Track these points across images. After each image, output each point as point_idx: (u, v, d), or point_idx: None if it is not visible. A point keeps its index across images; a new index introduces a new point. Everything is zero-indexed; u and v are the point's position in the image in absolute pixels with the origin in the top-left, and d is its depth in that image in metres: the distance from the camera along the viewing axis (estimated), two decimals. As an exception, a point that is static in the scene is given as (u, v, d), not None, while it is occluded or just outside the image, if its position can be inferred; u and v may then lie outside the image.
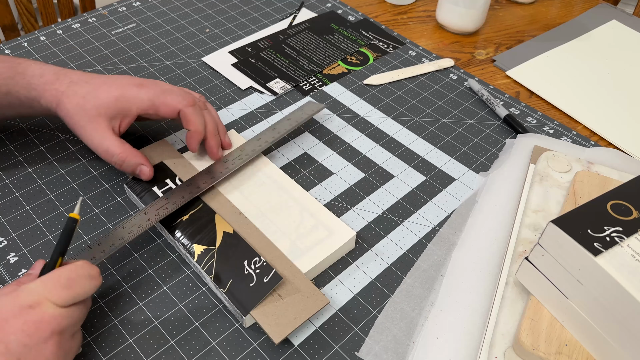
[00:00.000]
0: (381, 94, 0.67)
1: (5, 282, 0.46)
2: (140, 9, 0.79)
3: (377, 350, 0.43)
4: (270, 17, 0.79)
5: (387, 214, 0.53)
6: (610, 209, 0.40)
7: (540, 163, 0.54)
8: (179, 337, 0.43)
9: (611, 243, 0.37)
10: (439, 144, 0.60)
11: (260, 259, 0.44)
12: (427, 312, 0.45)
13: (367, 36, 0.76)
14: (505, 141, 0.61)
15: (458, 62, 0.73)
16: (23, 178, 0.54)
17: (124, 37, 0.73)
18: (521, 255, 0.46)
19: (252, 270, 0.44)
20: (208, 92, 0.65)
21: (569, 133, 0.62)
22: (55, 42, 0.72)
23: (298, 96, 0.66)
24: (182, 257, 0.48)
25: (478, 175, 0.57)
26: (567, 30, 0.80)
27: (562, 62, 0.73)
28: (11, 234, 0.49)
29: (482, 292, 0.46)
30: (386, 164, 0.58)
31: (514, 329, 0.41)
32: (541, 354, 0.38)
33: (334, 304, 0.46)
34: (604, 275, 0.36)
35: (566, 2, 0.87)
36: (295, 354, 0.42)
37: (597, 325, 0.38)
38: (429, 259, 0.49)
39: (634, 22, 0.81)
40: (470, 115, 0.64)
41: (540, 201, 0.51)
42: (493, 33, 0.79)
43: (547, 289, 0.41)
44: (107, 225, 0.50)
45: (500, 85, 0.70)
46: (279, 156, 0.58)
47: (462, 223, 0.52)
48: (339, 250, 0.48)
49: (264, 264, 0.44)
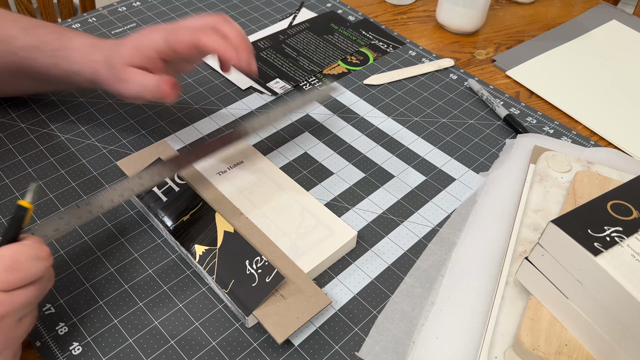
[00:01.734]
0: (381, 94, 0.67)
1: (5, 282, 0.46)
2: (140, 9, 0.79)
3: (377, 350, 0.43)
4: (270, 17, 0.79)
5: (387, 214, 0.53)
6: (610, 209, 0.40)
7: (540, 163, 0.54)
8: (179, 337, 0.43)
9: (611, 243, 0.37)
10: (439, 144, 0.60)
11: (262, 259, 0.44)
12: (427, 312, 0.45)
13: (367, 36, 0.76)
14: (505, 141, 0.61)
15: (458, 62, 0.73)
16: (23, 178, 0.54)
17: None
18: (521, 255, 0.46)
19: (253, 270, 0.44)
20: (208, 92, 0.65)
21: (569, 133, 0.62)
22: (55, 42, 0.72)
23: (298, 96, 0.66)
24: (182, 257, 0.48)
25: (478, 175, 0.57)
26: (567, 30, 0.80)
27: (562, 62, 0.73)
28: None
29: (482, 292, 0.46)
30: (386, 164, 0.58)
31: (514, 329, 0.41)
32: (541, 354, 0.38)
33: (334, 304, 0.46)
34: (604, 275, 0.36)
35: (566, 2, 0.87)
36: (295, 354, 0.42)
37: (597, 325, 0.38)
38: (429, 259, 0.49)
39: (634, 22, 0.81)
40: (470, 115, 0.64)
41: (540, 201, 0.51)
42: (493, 33, 0.79)
43: (547, 289, 0.41)
44: (107, 225, 0.50)
45: (500, 85, 0.70)
46: (279, 156, 0.58)
47: (462, 223, 0.52)
48: (340, 250, 0.48)
49: (265, 263, 0.44)
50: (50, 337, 0.42)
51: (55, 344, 0.42)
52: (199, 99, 0.64)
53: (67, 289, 0.45)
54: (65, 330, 0.43)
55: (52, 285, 0.39)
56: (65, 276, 0.46)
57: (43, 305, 0.44)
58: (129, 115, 0.62)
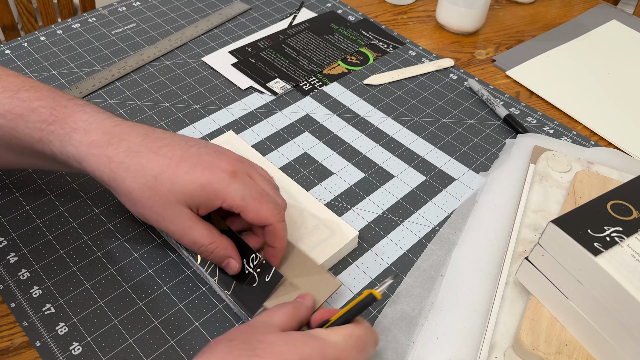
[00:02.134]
0: (381, 94, 0.67)
1: (5, 282, 0.46)
2: (140, 9, 0.79)
3: (377, 350, 0.43)
4: (270, 17, 0.79)
5: (387, 214, 0.53)
6: (610, 209, 0.40)
7: (540, 163, 0.54)
8: (179, 337, 0.43)
9: (611, 243, 0.37)
10: (439, 144, 0.60)
11: (257, 256, 0.44)
12: (427, 312, 0.45)
13: (367, 36, 0.76)
14: (505, 141, 0.61)
15: (458, 62, 0.73)
16: (23, 178, 0.54)
17: (124, 37, 0.73)
18: (521, 255, 0.46)
19: (251, 270, 0.44)
20: (208, 92, 0.65)
21: (569, 133, 0.62)
22: (55, 42, 0.72)
23: (298, 96, 0.66)
24: (181, 257, 0.48)
25: (478, 175, 0.57)
26: (567, 30, 0.80)
27: (562, 62, 0.73)
28: (11, 234, 0.49)
29: (482, 292, 0.46)
30: (386, 164, 0.58)
31: (514, 329, 0.41)
32: (541, 354, 0.38)
33: (334, 304, 0.46)
34: (604, 275, 0.36)
35: (566, 2, 0.87)
36: (295, 354, 0.42)
37: (597, 325, 0.38)
38: (429, 259, 0.49)
39: (634, 22, 0.81)
40: (470, 115, 0.64)
41: (540, 201, 0.51)
42: (493, 33, 0.79)
43: (547, 289, 0.41)
44: (107, 225, 0.50)
45: (500, 85, 0.70)
46: (279, 156, 0.58)
47: (462, 223, 0.52)
48: (342, 250, 0.48)
49: (262, 261, 0.44)
50: (50, 337, 0.42)
51: (55, 344, 0.42)
52: (199, 99, 0.64)
53: (67, 289, 0.45)
54: (65, 330, 0.43)
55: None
56: (65, 276, 0.46)
57: (43, 305, 0.44)
58: (128, 115, 0.62)
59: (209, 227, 0.41)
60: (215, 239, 0.41)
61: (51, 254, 0.48)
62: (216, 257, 0.42)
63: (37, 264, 0.47)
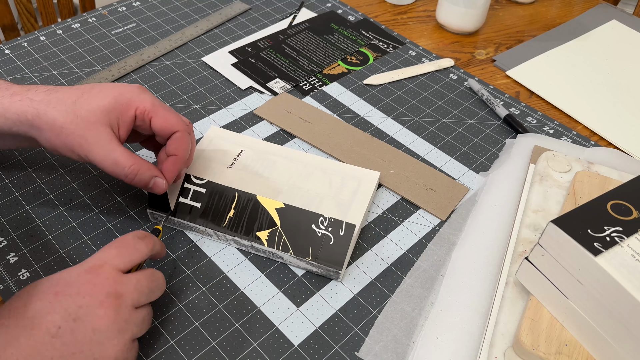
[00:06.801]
0: (381, 94, 0.67)
1: (5, 282, 0.46)
2: (140, 9, 0.79)
3: (377, 350, 0.43)
4: (270, 17, 0.79)
5: (387, 214, 0.53)
6: (610, 209, 0.40)
7: (540, 163, 0.54)
8: (178, 337, 0.43)
9: (611, 243, 0.37)
10: (439, 144, 0.60)
11: (326, 218, 0.47)
12: (427, 312, 0.45)
13: (367, 36, 0.76)
14: (505, 141, 0.61)
15: (458, 62, 0.73)
16: (23, 178, 0.54)
17: (124, 37, 0.73)
18: (521, 255, 0.46)
19: (323, 230, 0.46)
20: (208, 92, 0.65)
21: (569, 133, 0.62)
22: (55, 42, 0.72)
23: (298, 96, 0.66)
24: (181, 257, 0.48)
25: (478, 175, 0.57)
26: (567, 30, 0.80)
27: (562, 62, 0.73)
28: (11, 234, 0.49)
29: (482, 292, 0.46)
30: (386, 164, 0.58)
31: (514, 329, 0.41)
32: (541, 354, 0.38)
33: (334, 304, 0.46)
34: (604, 275, 0.36)
35: (566, 2, 0.87)
36: (295, 354, 0.42)
37: (597, 325, 0.38)
38: (429, 259, 0.49)
39: (634, 22, 0.81)
40: (470, 115, 0.64)
41: (540, 201, 0.51)
42: (493, 33, 0.79)
43: (547, 289, 0.41)
44: (107, 226, 0.50)
45: (500, 85, 0.70)
46: (279, 156, 0.58)
47: (462, 223, 0.52)
48: (374, 192, 0.52)
49: (331, 220, 0.47)
50: (50, 337, 0.42)
51: (55, 344, 0.42)
52: (199, 99, 0.64)
53: (67, 289, 0.45)
54: (65, 330, 0.43)
55: None
56: (65, 276, 0.46)
57: (43, 305, 0.44)
58: (129, 115, 0.62)
59: (130, 152, 0.44)
60: (138, 160, 0.44)
61: (51, 254, 0.48)
62: (142, 179, 0.44)
63: (37, 264, 0.47)
